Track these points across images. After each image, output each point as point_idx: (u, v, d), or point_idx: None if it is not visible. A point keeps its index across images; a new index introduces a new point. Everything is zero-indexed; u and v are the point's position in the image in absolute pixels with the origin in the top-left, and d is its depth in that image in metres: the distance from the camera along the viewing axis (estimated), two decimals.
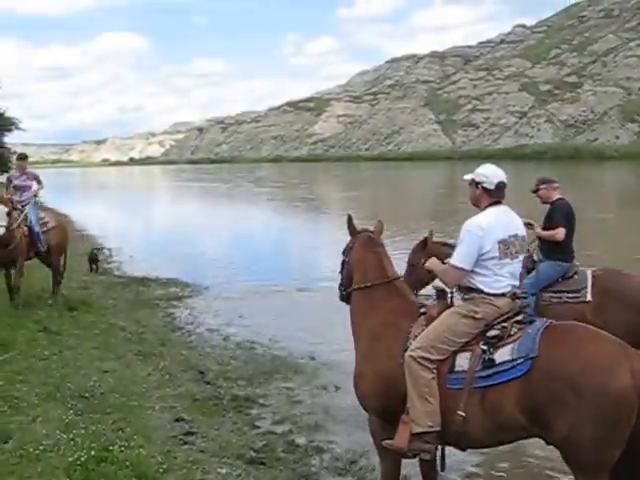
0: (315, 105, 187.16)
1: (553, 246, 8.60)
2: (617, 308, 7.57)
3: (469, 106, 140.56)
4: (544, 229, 8.73)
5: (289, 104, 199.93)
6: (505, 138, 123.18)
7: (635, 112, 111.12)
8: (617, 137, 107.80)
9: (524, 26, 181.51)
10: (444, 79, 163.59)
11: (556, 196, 8.95)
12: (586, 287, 8.09)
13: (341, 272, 6.47)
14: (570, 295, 8.01)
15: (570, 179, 65.76)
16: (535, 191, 9.06)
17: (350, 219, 6.40)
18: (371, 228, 6.44)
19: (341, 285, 6.47)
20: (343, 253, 6.46)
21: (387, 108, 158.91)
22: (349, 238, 6.43)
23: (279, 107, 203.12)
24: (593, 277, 8.22)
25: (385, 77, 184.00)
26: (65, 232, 14.59)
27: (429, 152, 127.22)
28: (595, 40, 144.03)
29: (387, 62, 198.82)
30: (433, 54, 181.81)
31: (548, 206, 8.98)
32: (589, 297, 8.01)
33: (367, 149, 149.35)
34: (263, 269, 19.86)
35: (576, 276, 8.28)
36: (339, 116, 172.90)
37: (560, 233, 8.56)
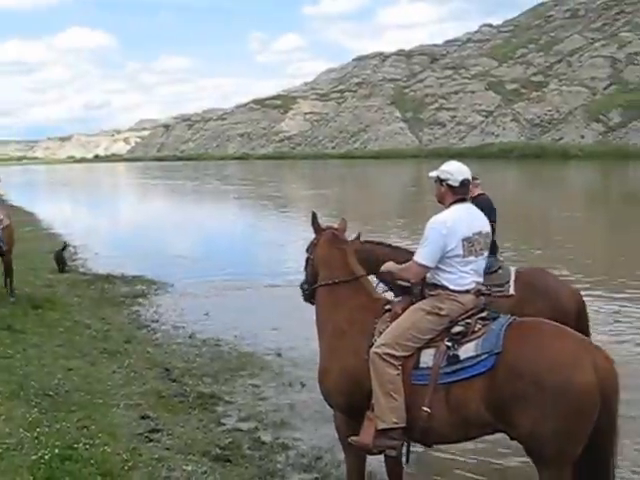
0: (282, 103, 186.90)
1: None
2: (539, 303, 7.65)
3: (436, 105, 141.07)
4: None
5: (255, 101, 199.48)
6: (471, 137, 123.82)
7: (600, 112, 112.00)
8: (582, 136, 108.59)
9: (491, 25, 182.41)
10: (411, 77, 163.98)
11: (477, 192, 9.10)
12: (509, 282, 8.20)
13: (305, 269, 6.47)
14: (494, 290, 8.13)
15: (536, 178, 66.68)
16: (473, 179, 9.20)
17: (315, 216, 6.39)
18: (335, 225, 6.45)
19: (304, 283, 6.49)
20: (307, 250, 6.47)
21: (354, 106, 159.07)
22: (313, 235, 6.43)
23: (245, 104, 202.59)
24: (517, 272, 8.38)
25: (352, 75, 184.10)
26: (13, 228, 14.45)
27: (396, 150, 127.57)
28: (561, 40, 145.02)
29: (354, 60, 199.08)
30: (400, 52, 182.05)
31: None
32: (512, 291, 8.11)
33: (334, 147, 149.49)
34: (230, 266, 19.81)
35: (500, 271, 8.38)
36: (306, 114, 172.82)
37: None
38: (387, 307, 5.73)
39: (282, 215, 35.94)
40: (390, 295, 6.47)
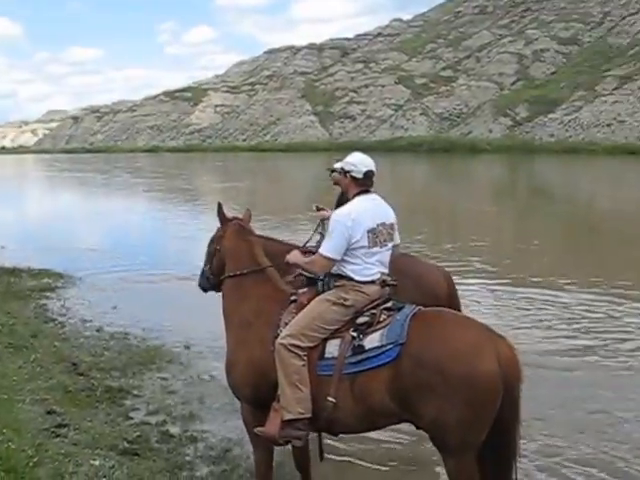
0: (192, 95, 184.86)
1: None
2: (411, 290, 7.78)
3: (346, 98, 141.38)
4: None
5: (165, 93, 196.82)
6: (381, 130, 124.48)
7: (507, 107, 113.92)
8: (490, 131, 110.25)
9: (401, 20, 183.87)
10: (322, 71, 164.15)
11: None
12: None
13: (210, 261, 6.48)
14: None
15: (445, 171, 67.64)
16: (332, 171, 9.38)
17: (220, 207, 6.40)
18: (240, 216, 6.48)
19: (203, 273, 6.55)
20: (212, 241, 6.48)
21: (265, 99, 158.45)
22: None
23: (155, 96, 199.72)
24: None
25: (263, 68, 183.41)
26: None
27: (306, 143, 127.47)
28: (469, 36, 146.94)
29: (265, 53, 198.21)
30: (311, 46, 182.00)
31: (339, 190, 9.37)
32: None
33: (244, 140, 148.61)
34: (139, 259, 19.64)
35: None
36: (216, 106, 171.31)
37: None
38: (293, 298, 5.75)
39: (193, 208, 35.71)
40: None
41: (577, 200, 38.14)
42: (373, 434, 7.05)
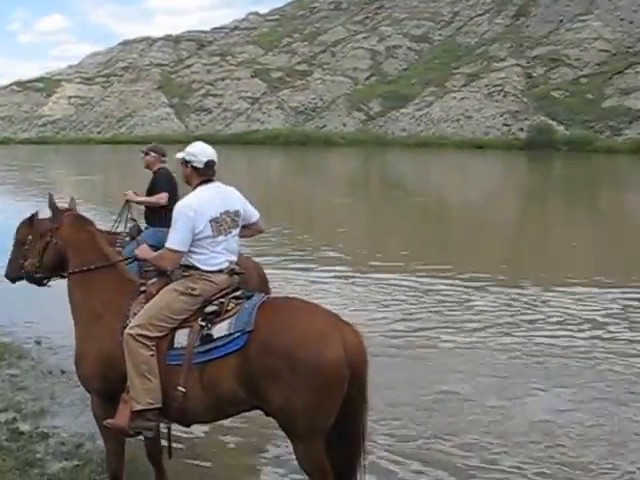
0: (45, 86, 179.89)
1: (156, 214, 9.13)
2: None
3: (202, 91, 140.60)
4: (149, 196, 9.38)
5: (17, 84, 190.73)
6: (237, 123, 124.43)
7: (361, 101, 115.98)
8: (344, 124, 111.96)
9: (257, 14, 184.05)
10: (178, 63, 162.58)
11: (159, 166, 9.60)
12: None
13: (37, 255, 6.23)
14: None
15: (301, 164, 68.08)
16: (146, 153, 9.56)
17: (51, 198, 6.23)
18: (66, 206, 6.37)
19: (11, 263, 6.49)
20: (41, 235, 6.22)
21: (120, 91, 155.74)
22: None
23: (6, 87, 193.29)
24: None
25: (118, 59, 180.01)
26: None
27: (162, 136, 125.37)
28: (325, 31, 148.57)
29: (120, 44, 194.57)
30: (167, 37, 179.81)
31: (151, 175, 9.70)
32: None
33: (99, 132, 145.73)
34: None
35: None
36: (70, 98, 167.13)
37: (164, 197, 9.10)
38: (143, 289, 5.71)
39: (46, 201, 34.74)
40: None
41: (428, 191, 39.60)
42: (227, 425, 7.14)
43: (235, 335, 5.08)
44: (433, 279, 15.18)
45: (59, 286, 6.53)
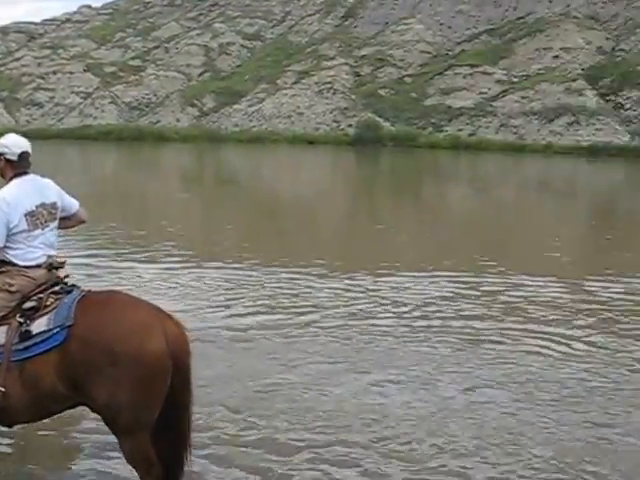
0: None
1: None
2: None
3: (33, 84, 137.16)
4: None
5: None
6: (70, 118, 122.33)
7: (194, 97, 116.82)
8: (178, 120, 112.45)
9: (90, 7, 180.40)
10: (7, 55, 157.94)
11: None
12: None
13: None
14: None
15: (135, 160, 67.21)
16: None
17: None
18: None
19: None
20: None
21: None
22: None
23: None
24: None
25: None
26: None
27: None
28: (159, 26, 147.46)
29: None
30: None
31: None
32: None
33: None
34: None
35: None
36: None
37: None
38: None
39: None
40: None
41: (261, 186, 40.55)
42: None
43: (54, 331, 4.96)
44: (270, 269, 15.39)
45: None
